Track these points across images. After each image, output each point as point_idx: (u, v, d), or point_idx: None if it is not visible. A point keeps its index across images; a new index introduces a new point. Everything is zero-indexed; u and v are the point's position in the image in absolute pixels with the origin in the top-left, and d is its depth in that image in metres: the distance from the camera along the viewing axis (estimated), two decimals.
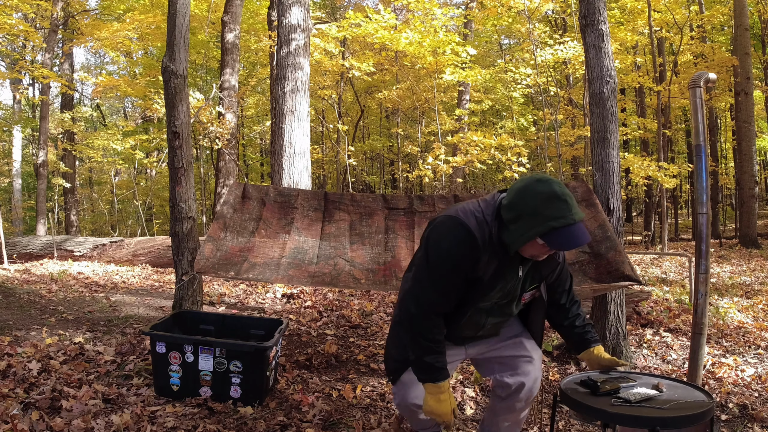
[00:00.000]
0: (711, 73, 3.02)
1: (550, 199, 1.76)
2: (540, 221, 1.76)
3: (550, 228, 1.75)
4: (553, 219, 1.74)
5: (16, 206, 15.66)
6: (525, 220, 1.79)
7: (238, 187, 3.87)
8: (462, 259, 1.88)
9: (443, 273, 1.90)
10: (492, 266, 1.91)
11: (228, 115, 11.55)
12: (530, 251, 1.87)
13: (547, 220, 1.74)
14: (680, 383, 2.09)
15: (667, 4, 12.61)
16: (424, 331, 1.94)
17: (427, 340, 1.95)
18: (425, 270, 1.94)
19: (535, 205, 1.77)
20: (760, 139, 17.06)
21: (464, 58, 11.29)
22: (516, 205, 1.82)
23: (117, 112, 28.30)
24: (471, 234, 1.86)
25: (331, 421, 2.94)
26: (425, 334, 1.94)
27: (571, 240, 1.75)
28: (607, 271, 3.33)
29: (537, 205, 1.77)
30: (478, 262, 1.88)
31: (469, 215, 1.91)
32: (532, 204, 1.78)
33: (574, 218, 1.75)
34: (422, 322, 1.94)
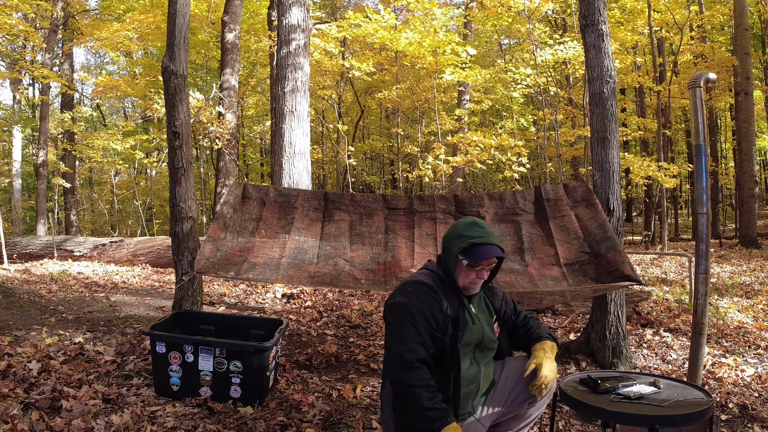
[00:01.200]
0: (711, 73, 3.02)
1: (470, 225, 2.15)
2: (461, 240, 2.09)
3: (470, 243, 2.08)
4: (473, 237, 2.08)
5: (16, 206, 15.66)
6: (450, 243, 2.13)
7: (238, 187, 3.87)
8: (427, 306, 2.05)
9: (411, 323, 2.02)
10: (454, 303, 2.13)
11: (228, 115, 11.55)
12: (463, 279, 2.13)
13: (467, 239, 2.09)
14: (680, 383, 2.09)
15: (667, 4, 12.62)
16: (415, 380, 1.95)
17: (421, 388, 1.94)
18: (393, 331, 2.05)
19: (458, 230, 2.15)
20: (760, 139, 17.06)
21: (464, 58, 11.29)
22: (446, 238, 2.19)
23: (117, 112, 28.30)
24: (426, 284, 2.11)
25: (331, 421, 2.94)
26: (417, 383, 1.94)
27: (488, 253, 2.06)
28: (607, 271, 3.33)
29: (459, 230, 2.14)
30: (441, 304, 2.08)
31: (419, 275, 2.19)
32: (456, 231, 2.16)
33: (491, 240, 2.08)
34: (411, 373, 1.95)
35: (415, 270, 3.52)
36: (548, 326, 5.06)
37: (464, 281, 2.14)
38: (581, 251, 3.53)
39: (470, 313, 2.18)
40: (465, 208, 3.89)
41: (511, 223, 3.80)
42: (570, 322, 5.12)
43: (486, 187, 17.75)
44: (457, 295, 2.16)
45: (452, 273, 2.14)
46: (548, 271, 3.47)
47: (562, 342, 4.40)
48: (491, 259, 2.12)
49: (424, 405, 1.92)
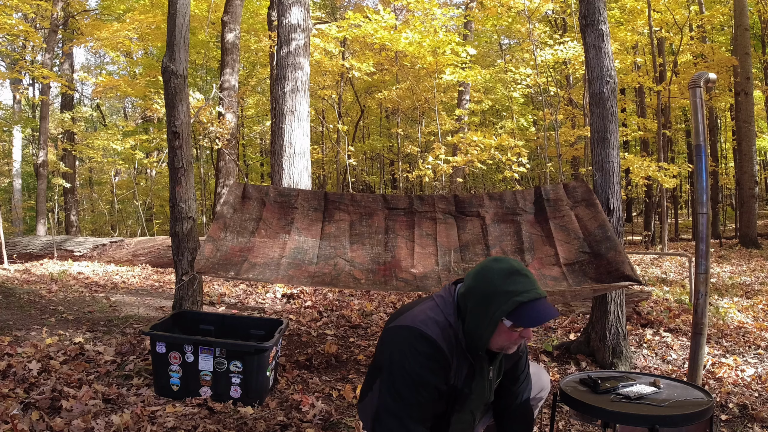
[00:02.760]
0: (711, 73, 3.02)
1: (511, 275, 1.65)
2: (504, 299, 1.62)
3: (517, 303, 1.62)
4: (519, 294, 1.62)
5: (16, 206, 15.66)
6: (488, 302, 1.65)
7: (238, 187, 3.87)
8: (432, 375, 1.70)
9: (416, 396, 1.69)
10: (463, 372, 1.77)
11: (228, 115, 11.55)
12: (499, 341, 1.70)
13: (511, 296, 1.62)
14: (680, 383, 2.09)
15: (667, 4, 12.62)
16: None
17: None
18: (395, 396, 1.71)
19: (496, 283, 1.65)
20: (760, 139, 17.06)
21: (464, 58, 11.29)
22: (475, 289, 1.69)
23: (117, 112, 28.30)
24: (436, 345, 1.70)
25: (331, 421, 2.94)
26: None
27: (541, 314, 1.62)
28: (607, 271, 3.33)
29: (498, 283, 1.65)
30: (449, 372, 1.74)
31: (429, 323, 1.73)
32: (492, 283, 1.66)
33: (539, 293, 1.64)
34: None
35: (415, 270, 3.53)
36: (548, 326, 5.06)
37: (503, 343, 1.71)
38: (581, 251, 3.53)
39: (486, 377, 1.84)
40: (465, 208, 3.89)
41: (511, 223, 3.80)
42: (570, 322, 5.12)
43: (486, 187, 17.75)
44: (469, 359, 1.77)
45: (486, 339, 1.69)
46: (548, 271, 3.47)
47: (562, 342, 4.40)
48: None
49: None
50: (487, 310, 1.65)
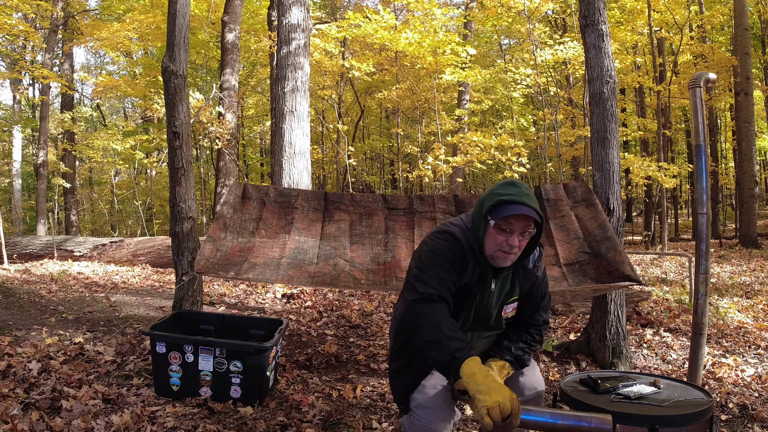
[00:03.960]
0: (711, 73, 3.02)
1: (506, 184, 1.91)
2: (491, 198, 1.88)
3: (499, 201, 1.84)
4: (503, 195, 1.85)
5: (16, 206, 15.66)
6: (481, 202, 1.92)
7: (238, 187, 3.87)
8: (453, 258, 1.91)
9: (439, 267, 1.88)
10: (476, 273, 1.95)
11: (228, 115, 11.55)
12: (489, 245, 1.90)
13: (497, 196, 1.86)
14: (680, 383, 2.09)
15: (667, 4, 12.62)
16: (434, 311, 1.77)
17: (444, 318, 1.76)
18: (420, 269, 1.90)
19: (491, 189, 1.94)
20: (760, 139, 17.06)
21: (464, 58, 11.29)
22: (478, 201, 1.99)
23: (117, 112, 28.30)
24: (455, 237, 1.94)
25: (331, 421, 2.94)
26: (436, 313, 1.77)
27: (513, 209, 1.81)
28: (607, 271, 3.33)
29: (493, 188, 1.93)
30: (465, 266, 1.92)
31: (452, 225, 2.02)
32: (488, 191, 1.94)
33: (524, 200, 1.83)
34: (430, 305, 1.78)
35: None
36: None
37: (491, 249, 1.90)
38: (581, 251, 3.53)
39: (488, 291, 1.98)
40: (465, 208, 3.89)
41: None
42: (570, 322, 5.12)
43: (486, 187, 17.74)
44: (480, 266, 1.95)
45: (481, 238, 1.92)
46: (548, 271, 3.46)
47: (562, 342, 4.41)
48: (523, 223, 1.85)
49: (445, 333, 1.70)
50: (480, 208, 1.92)
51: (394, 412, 3.08)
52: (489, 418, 1.53)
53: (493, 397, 1.55)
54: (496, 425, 1.54)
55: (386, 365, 3.89)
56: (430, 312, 1.76)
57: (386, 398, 3.30)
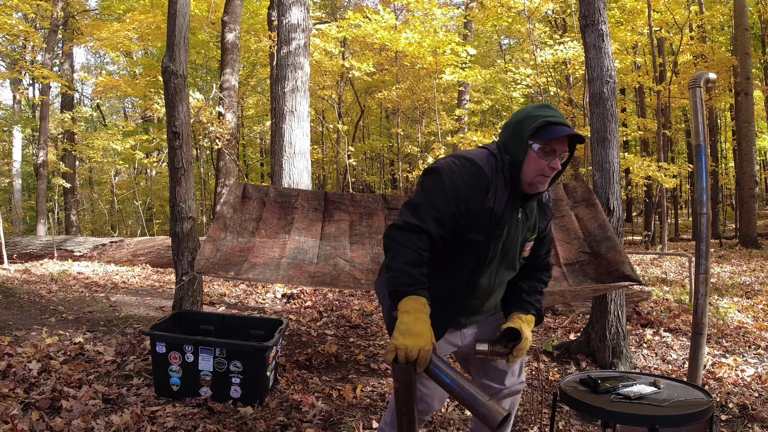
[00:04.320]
0: (711, 73, 3.02)
1: (541, 107, 1.80)
2: (534, 119, 1.75)
3: (546, 122, 1.73)
4: (548, 116, 1.75)
5: (16, 206, 15.67)
6: (520, 125, 1.78)
7: (238, 187, 3.87)
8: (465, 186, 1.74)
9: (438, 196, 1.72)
10: (504, 197, 1.80)
11: (228, 115, 11.55)
12: (529, 170, 1.77)
13: (541, 117, 1.75)
14: (680, 383, 2.09)
15: (667, 4, 12.62)
16: (406, 240, 1.68)
17: (412, 250, 1.66)
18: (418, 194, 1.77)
19: (528, 110, 1.80)
20: (760, 139, 17.07)
21: (464, 58, 11.30)
22: (510, 121, 1.84)
23: (117, 112, 28.31)
24: (477, 164, 1.77)
25: (331, 421, 2.94)
26: (407, 243, 1.67)
27: (565, 130, 1.72)
28: (607, 271, 3.33)
29: (530, 110, 1.80)
30: (486, 193, 1.76)
31: (471, 153, 1.83)
32: (525, 111, 1.81)
33: (566, 122, 1.77)
34: (406, 234, 1.68)
35: None
36: (548, 326, 5.06)
37: (533, 174, 1.77)
38: (581, 251, 3.53)
39: (516, 217, 1.85)
40: None
41: None
42: (570, 322, 5.12)
43: None
44: (510, 192, 1.81)
45: (520, 162, 1.77)
46: None
47: (562, 342, 4.40)
48: (564, 145, 1.77)
49: (403, 263, 1.64)
50: (520, 131, 1.76)
51: None
52: (391, 355, 1.55)
53: (407, 340, 1.53)
54: (395, 365, 1.54)
55: (386, 365, 3.89)
56: (401, 240, 1.67)
57: (386, 398, 3.31)
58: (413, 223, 1.68)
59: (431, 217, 1.70)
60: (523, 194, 1.85)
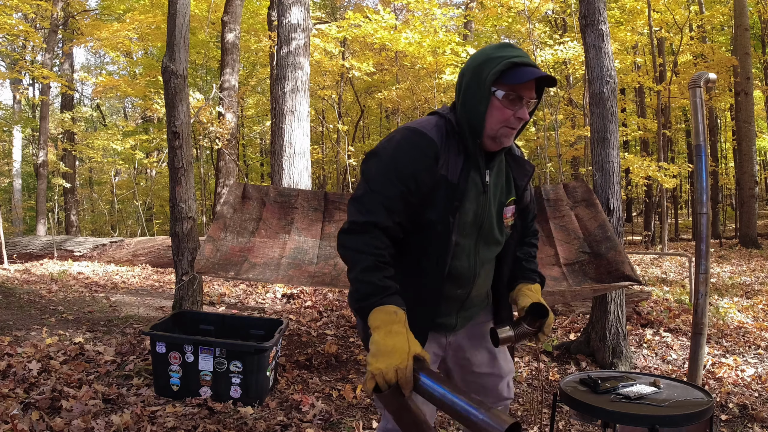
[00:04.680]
0: (711, 73, 3.02)
1: (503, 46, 1.54)
2: (497, 61, 1.48)
3: (510, 64, 1.46)
4: (512, 57, 1.48)
5: (16, 206, 15.67)
6: (480, 69, 1.50)
7: (238, 187, 3.88)
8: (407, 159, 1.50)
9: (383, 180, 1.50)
10: (459, 164, 1.55)
11: (228, 115, 11.55)
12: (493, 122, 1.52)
13: (504, 58, 1.47)
14: (680, 383, 2.09)
15: (667, 4, 12.62)
16: (358, 244, 1.47)
17: (367, 254, 1.44)
18: (360, 186, 1.55)
19: (488, 51, 1.52)
20: (760, 139, 17.07)
21: (464, 58, 11.28)
22: (468, 65, 1.56)
23: (117, 112, 28.31)
24: (420, 132, 1.53)
25: (331, 421, 2.94)
26: (360, 246, 1.46)
27: (534, 72, 1.46)
28: (607, 271, 3.33)
29: (490, 51, 1.52)
30: (436, 161, 1.52)
31: (418, 122, 1.60)
32: (484, 53, 1.53)
33: (533, 62, 1.51)
34: (356, 237, 1.48)
35: None
36: None
37: (497, 126, 1.52)
38: (581, 251, 3.53)
39: (481, 181, 1.59)
40: None
41: None
42: (570, 322, 5.13)
43: None
44: (466, 153, 1.56)
45: (481, 115, 1.51)
46: (548, 271, 3.47)
47: (562, 342, 4.41)
48: (531, 91, 1.52)
49: (358, 275, 1.44)
50: (480, 77, 1.50)
51: None
52: (370, 384, 1.32)
53: (380, 362, 1.30)
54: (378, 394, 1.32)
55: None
56: (353, 246, 1.47)
57: None
58: (360, 221, 1.47)
59: (379, 205, 1.47)
60: (487, 153, 1.59)
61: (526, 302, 1.67)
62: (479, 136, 1.54)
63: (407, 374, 1.29)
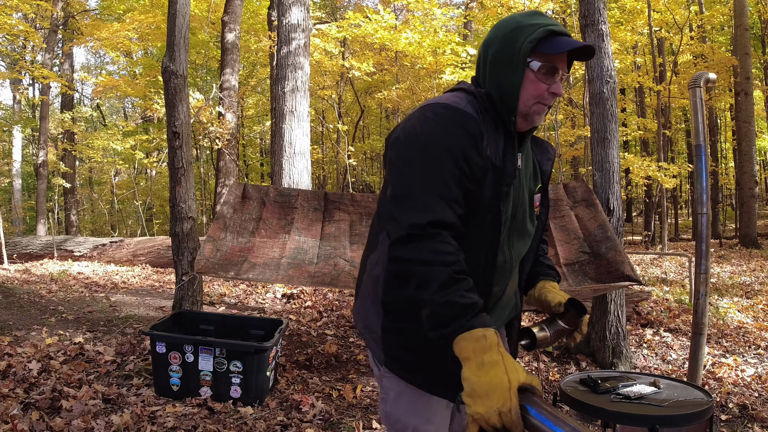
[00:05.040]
0: (711, 73, 3.02)
1: (533, 14, 1.36)
2: (532, 29, 1.30)
3: (548, 32, 1.29)
4: (549, 25, 1.31)
5: (16, 206, 15.67)
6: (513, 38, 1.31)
7: (238, 187, 3.88)
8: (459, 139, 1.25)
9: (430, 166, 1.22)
10: (500, 144, 1.34)
11: (228, 115, 11.55)
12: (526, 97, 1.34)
13: (540, 26, 1.30)
14: (679, 383, 2.09)
15: (667, 4, 12.62)
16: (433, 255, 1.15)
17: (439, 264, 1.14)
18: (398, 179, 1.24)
19: (519, 19, 1.34)
20: (760, 139, 17.07)
21: (464, 58, 11.30)
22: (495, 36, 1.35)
23: (117, 112, 28.31)
24: (449, 106, 1.29)
25: (331, 421, 2.94)
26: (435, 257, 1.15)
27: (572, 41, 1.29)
28: (607, 271, 3.33)
29: (520, 19, 1.34)
30: (481, 140, 1.28)
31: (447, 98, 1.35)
32: (515, 20, 1.34)
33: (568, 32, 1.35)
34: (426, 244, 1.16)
35: None
36: None
37: (530, 102, 1.34)
38: (581, 251, 3.53)
39: (516, 165, 1.37)
40: None
41: None
42: None
43: None
44: (503, 132, 1.35)
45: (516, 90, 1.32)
46: None
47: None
48: (565, 62, 1.35)
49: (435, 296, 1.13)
50: (512, 46, 1.31)
51: None
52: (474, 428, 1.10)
53: (478, 405, 1.07)
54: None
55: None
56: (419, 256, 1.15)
57: None
58: (421, 223, 1.16)
59: (437, 198, 1.19)
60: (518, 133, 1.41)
61: (558, 299, 1.52)
62: (513, 113, 1.35)
63: (513, 417, 1.09)
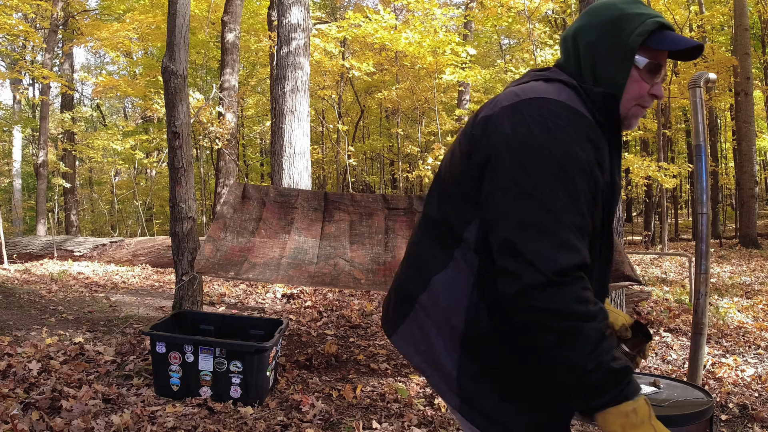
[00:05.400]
0: (711, 73, 3.02)
1: (633, 2, 1.16)
2: (639, 19, 1.12)
3: (658, 24, 1.12)
4: (656, 16, 1.13)
5: (16, 206, 15.67)
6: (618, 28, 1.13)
7: (238, 187, 3.88)
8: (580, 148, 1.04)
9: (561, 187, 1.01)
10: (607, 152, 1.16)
11: (228, 115, 11.55)
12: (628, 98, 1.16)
13: (648, 17, 1.12)
14: (679, 383, 2.09)
15: (667, 4, 12.63)
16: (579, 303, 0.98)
17: (588, 319, 0.98)
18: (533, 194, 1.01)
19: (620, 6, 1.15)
20: (760, 139, 17.07)
21: (464, 58, 11.29)
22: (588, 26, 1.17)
23: (117, 112, 28.31)
24: (569, 107, 1.08)
25: (331, 421, 2.94)
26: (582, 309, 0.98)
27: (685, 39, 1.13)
28: None
29: (622, 6, 1.15)
30: (603, 153, 1.11)
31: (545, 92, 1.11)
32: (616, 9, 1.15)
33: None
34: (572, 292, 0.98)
35: None
36: None
37: (630, 103, 1.16)
38: None
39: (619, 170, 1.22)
40: None
41: None
42: None
43: None
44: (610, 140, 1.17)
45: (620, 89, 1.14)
46: None
47: None
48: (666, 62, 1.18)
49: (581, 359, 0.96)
50: (618, 37, 1.12)
51: (394, 413, 3.08)
52: None
53: None
54: None
55: (386, 365, 3.89)
56: (565, 307, 0.97)
57: (386, 398, 3.30)
58: (563, 267, 0.97)
59: (575, 232, 1.01)
60: None
61: (622, 321, 1.36)
62: (617, 117, 1.16)
63: None
